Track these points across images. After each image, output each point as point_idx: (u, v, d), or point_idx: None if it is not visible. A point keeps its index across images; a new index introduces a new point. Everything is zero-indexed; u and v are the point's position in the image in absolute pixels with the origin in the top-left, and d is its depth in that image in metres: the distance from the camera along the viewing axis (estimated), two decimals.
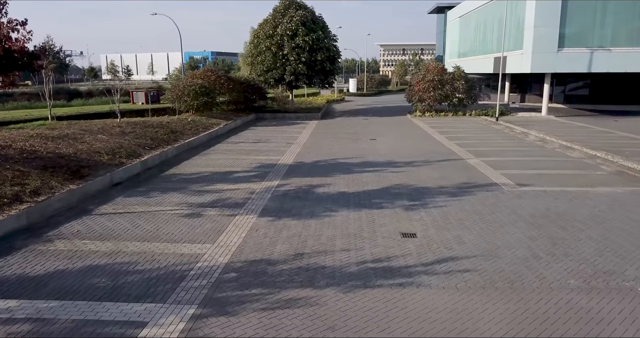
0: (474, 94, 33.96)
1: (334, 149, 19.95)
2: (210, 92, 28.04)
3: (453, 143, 21.10)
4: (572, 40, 30.39)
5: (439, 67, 33.58)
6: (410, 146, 20.53)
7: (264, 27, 32.87)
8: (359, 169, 15.56)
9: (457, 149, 19.45)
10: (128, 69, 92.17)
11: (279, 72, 32.44)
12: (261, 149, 19.86)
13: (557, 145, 20.26)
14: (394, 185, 13.29)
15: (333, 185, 13.32)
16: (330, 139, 22.85)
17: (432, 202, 11.62)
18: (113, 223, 9.94)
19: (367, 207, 11.17)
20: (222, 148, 20.13)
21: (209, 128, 23.99)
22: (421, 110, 33.94)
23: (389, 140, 22.61)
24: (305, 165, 16.34)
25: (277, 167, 15.87)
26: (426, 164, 16.36)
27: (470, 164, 16.31)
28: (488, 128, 27.08)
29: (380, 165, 16.31)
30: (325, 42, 32.92)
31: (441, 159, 17.40)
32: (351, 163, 16.67)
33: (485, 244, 8.79)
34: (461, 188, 12.93)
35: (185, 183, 13.54)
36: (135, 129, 19.36)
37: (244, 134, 24.80)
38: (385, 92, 69.19)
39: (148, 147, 17.34)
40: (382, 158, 17.64)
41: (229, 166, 16.10)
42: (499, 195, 12.25)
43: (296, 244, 8.80)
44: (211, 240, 8.96)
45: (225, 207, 11.14)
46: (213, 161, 17.03)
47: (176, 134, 20.60)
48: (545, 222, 10.01)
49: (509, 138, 22.92)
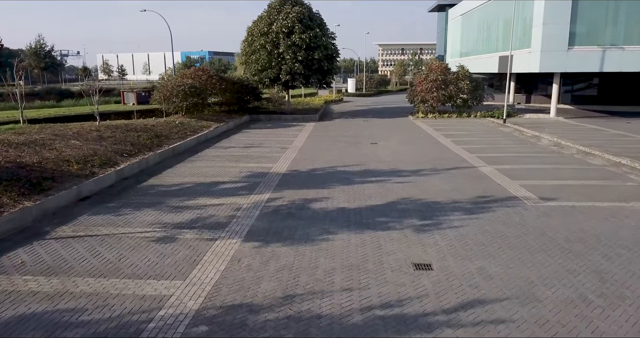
0: (479, 94, 32.39)
1: (332, 154, 18.34)
2: (201, 92, 26.39)
3: (461, 148, 19.50)
4: (583, 38, 28.83)
5: (443, 66, 31.98)
6: (415, 151, 18.93)
7: (258, 24, 31.22)
8: (360, 179, 13.95)
9: (467, 155, 17.85)
10: (122, 68, 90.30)
11: (275, 72, 30.79)
12: (253, 154, 18.23)
13: (574, 151, 18.67)
14: (401, 200, 11.68)
15: (331, 200, 11.71)
16: (328, 143, 21.24)
17: (446, 221, 10.02)
18: (68, 252, 8.30)
19: (371, 228, 9.56)
20: (210, 154, 18.49)
21: (198, 131, 22.35)
22: (424, 112, 32.34)
23: (391, 144, 21.01)
24: (300, 174, 14.72)
25: (269, 177, 14.25)
26: (434, 173, 14.76)
27: (484, 173, 14.71)
28: (496, 131, 25.49)
29: (383, 174, 14.70)
30: (323, 40, 31.27)
31: (450, 166, 15.80)
32: (351, 171, 15.06)
33: (517, 280, 7.19)
34: (478, 204, 11.33)
35: (164, 197, 11.91)
36: (115, 133, 17.71)
37: (236, 138, 23.15)
38: (384, 92, 67.61)
39: (127, 153, 15.69)
40: (385, 165, 16.04)
41: (216, 175, 14.47)
42: (522, 212, 10.65)
43: (286, 281, 7.18)
44: (182, 275, 7.34)
45: (205, 229, 9.51)
46: (198, 169, 15.39)
47: (161, 139, 18.95)
48: (584, 249, 8.41)
49: (520, 142, 21.33)
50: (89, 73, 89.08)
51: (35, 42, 76.62)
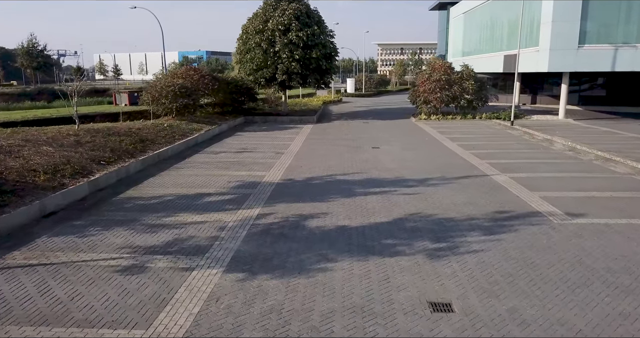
0: (484, 95, 30.98)
1: (330, 160, 16.93)
2: (192, 93, 24.94)
3: (469, 153, 18.11)
4: (594, 36, 27.45)
5: (446, 65, 30.57)
6: (420, 157, 17.53)
7: (253, 22, 29.78)
8: (362, 190, 12.54)
9: (476, 161, 16.46)
10: (117, 68, 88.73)
11: (270, 71, 29.35)
12: (245, 160, 16.82)
13: (592, 156, 17.29)
14: (409, 216, 10.28)
15: (330, 216, 10.30)
16: (327, 148, 19.84)
17: (464, 243, 8.62)
18: (11, 287, 6.88)
19: (376, 253, 8.16)
20: (198, 160, 17.07)
21: (187, 135, 20.92)
22: (426, 113, 30.93)
23: (394, 148, 19.61)
24: (295, 184, 13.30)
25: (261, 187, 12.84)
26: (444, 183, 13.36)
27: (498, 183, 13.32)
28: (504, 134, 24.11)
29: (387, 184, 13.29)
30: (321, 38, 29.84)
31: (460, 174, 14.40)
32: (352, 181, 13.66)
33: (561, 329, 5.79)
34: (497, 220, 9.94)
35: (140, 213, 10.49)
36: (95, 138, 16.28)
37: (228, 141, 21.73)
38: (384, 93, 66.19)
39: (105, 161, 14.26)
40: (389, 173, 14.64)
41: (202, 185, 13.05)
42: (549, 232, 9.25)
43: (274, 329, 5.78)
44: (145, 323, 5.93)
45: (181, 255, 8.10)
46: (183, 178, 13.97)
47: (145, 143, 17.52)
48: (634, 283, 7.02)
49: (532, 146, 19.94)
50: (82, 73, 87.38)
51: (27, 42, 75.01)
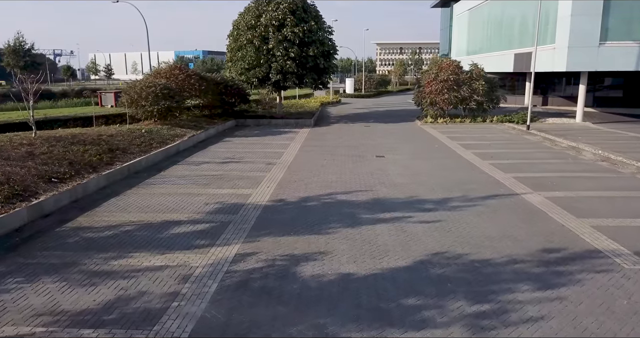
0: (496, 96, 28.62)
1: (329, 173, 14.56)
2: (176, 94, 22.52)
3: (488, 164, 15.77)
4: (617, 32, 25.13)
5: (454, 64, 28.20)
6: (433, 169, 15.17)
7: (245, 17, 27.38)
8: (368, 216, 10.17)
9: (500, 175, 14.11)
10: (109, 67, 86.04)
11: (263, 70, 26.93)
12: (229, 174, 14.42)
13: (634, 169, 14.92)
14: (433, 256, 7.91)
15: (330, 257, 7.92)
16: (325, 157, 17.46)
17: (514, 304, 6.26)
18: None
19: (396, 324, 5.79)
20: (175, 173, 14.67)
21: (167, 142, 18.50)
22: (433, 116, 28.56)
23: (401, 158, 17.25)
24: (287, 208, 10.91)
25: (245, 212, 10.45)
26: (468, 205, 10.99)
27: (533, 205, 10.95)
28: (521, 140, 21.76)
29: (399, 206, 10.92)
30: (319, 34, 27.47)
31: (485, 193, 12.04)
32: (356, 202, 11.27)
33: None
34: (548, 265, 7.58)
35: (83, 253, 8.09)
36: (53, 148, 13.86)
37: (214, 149, 19.32)
38: (385, 93, 63.84)
39: (58, 177, 11.84)
40: (400, 191, 12.26)
41: (172, 210, 10.66)
42: (624, 284, 6.89)
43: None
44: None
45: (120, 327, 5.71)
46: (152, 199, 11.57)
47: (115, 154, 15.10)
48: None
49: (558, 155, 17.59)
50: (72, 73, 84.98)
51: (14, 40, 72.33)
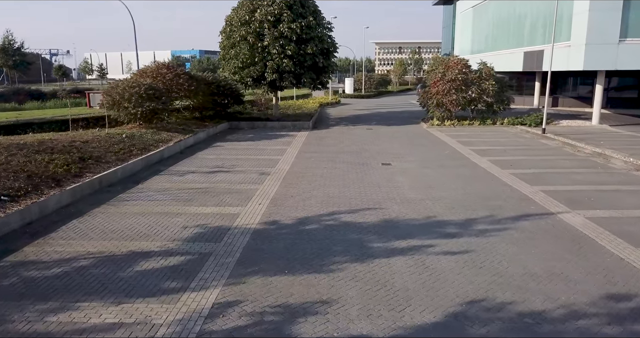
0: (506, 97, 26.85)
1: (331, 185, 12.73)
2: (163, 95, 20.67)
3: (509, 174, 13.97)
4: (639, 28, 23.39)
5: (462, 63, 26.40)
6: (448, 179, 13.36)
7: (238, 12, 25.49)
8: (380, 244, 8.35)
9: (526, 188, 12.31)
10: (102, 67, 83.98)
11: (258, 69, 25.06)
12: (216, 187, 12.59)
13: None
14: (468, 307, 6.10)
15: (335, 310, 6.10)
16: (325, 165, 15.64)
17: None
18: None
19: None
20: (154, 186, 12.82)
21: (150, 148, 16.65)
22: (439, 118, 26.76)
23: (410, 166, 15.45)
24: (281, 233, 9.08)
25: (229, 239, 8.62)
26: (497, 229, 9.18)
27: (576, 229, 9.15)
28: (539, 145, 19.96)
29: (416, 230, 9.10)
30: (318, 30, 25.62)
31: (515, 213, 10.23)
32: (364, 225, 9.45)
33: None
34: (623, 322, 5.77)
35: (13, 304, 6.24)
36: (13, 158, 11.99)
37: (202, 156, 17.48)
38: (385, 93, 62.06)
39: (10, 194, 9.99)
40: (414, 210, 10.45)
41: (143, 235, 8.82)
42: None
43: None
44: None
45: None
46: (121, 221, 9.73)
47: (86, 163, 13.24)
48: None
49: (585, 164, 15.79)
50: (63, 72, 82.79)
51: (3, 39, 70.20)
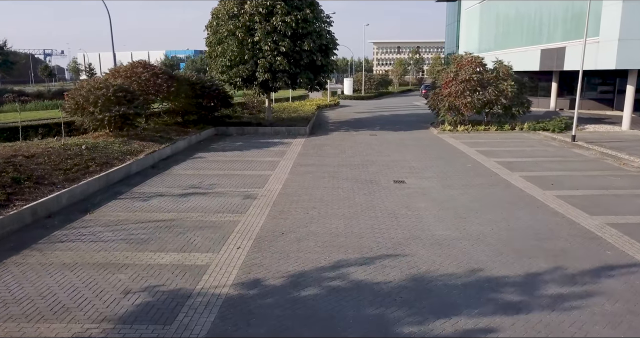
0: (526, 100, 24.08)
1: (333, 216, 9.88)
2: (136, 98, 17.76)
3: (554, 197, 11.15)
4: None
5: (477, 61, 23.60)
6: (483, 207, 10.52)
7: (226, 4, 22.66)
8: (412, 328, 5.50)
9: (585, 220, 9.48)
10: (91, 67, 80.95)
11: (248, 68, 22.18)
12: (185, 219, 9.72)
13: None
14: None
15: None
16: (326, 183, 12.80)
17: None
18: None
19: None
20: (106, 217, 9.93)
21: (114, 162, 13.76)
22: (451, 123, 23.95)
23: (429, 184, 12.62)
24: (263, 305, 6.19)
25: (186, 319, 5.74)
26: (577, 294, 6.35)
27: None
28: (573, 156, 17.15)
29: (460, 298, 6.26)
30: (316, 25, 22.81)
31: (588, 263, 7.40)
32: (383, 288, 6.58)
33: None
34: None
35: None
36: None
37: (178, 171, 14.59)
38: (386, 94, 59.25)
39: None
40: (449, 258, 7.59)
41: (56, 311, 5.94)
42: None
43: None
44: None
45: None
46: (39, 281, 6.85)
47: (19, 186, 10.34)
48: None
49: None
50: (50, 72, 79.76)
51: None
